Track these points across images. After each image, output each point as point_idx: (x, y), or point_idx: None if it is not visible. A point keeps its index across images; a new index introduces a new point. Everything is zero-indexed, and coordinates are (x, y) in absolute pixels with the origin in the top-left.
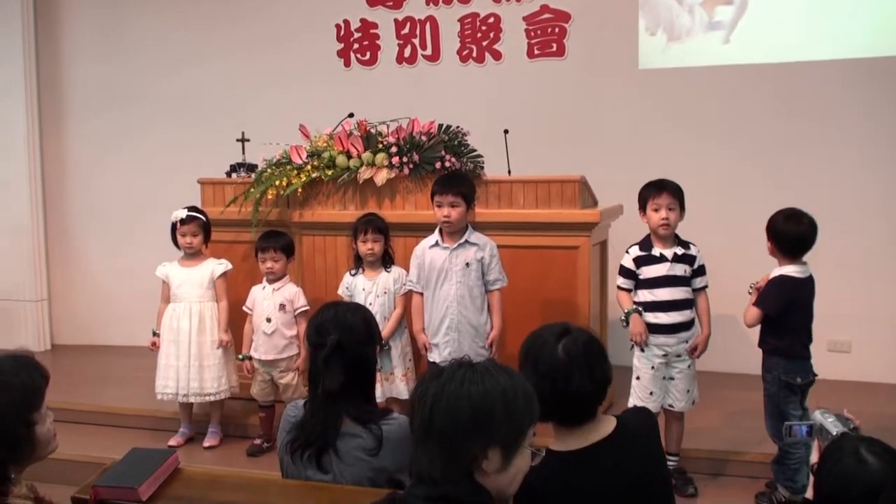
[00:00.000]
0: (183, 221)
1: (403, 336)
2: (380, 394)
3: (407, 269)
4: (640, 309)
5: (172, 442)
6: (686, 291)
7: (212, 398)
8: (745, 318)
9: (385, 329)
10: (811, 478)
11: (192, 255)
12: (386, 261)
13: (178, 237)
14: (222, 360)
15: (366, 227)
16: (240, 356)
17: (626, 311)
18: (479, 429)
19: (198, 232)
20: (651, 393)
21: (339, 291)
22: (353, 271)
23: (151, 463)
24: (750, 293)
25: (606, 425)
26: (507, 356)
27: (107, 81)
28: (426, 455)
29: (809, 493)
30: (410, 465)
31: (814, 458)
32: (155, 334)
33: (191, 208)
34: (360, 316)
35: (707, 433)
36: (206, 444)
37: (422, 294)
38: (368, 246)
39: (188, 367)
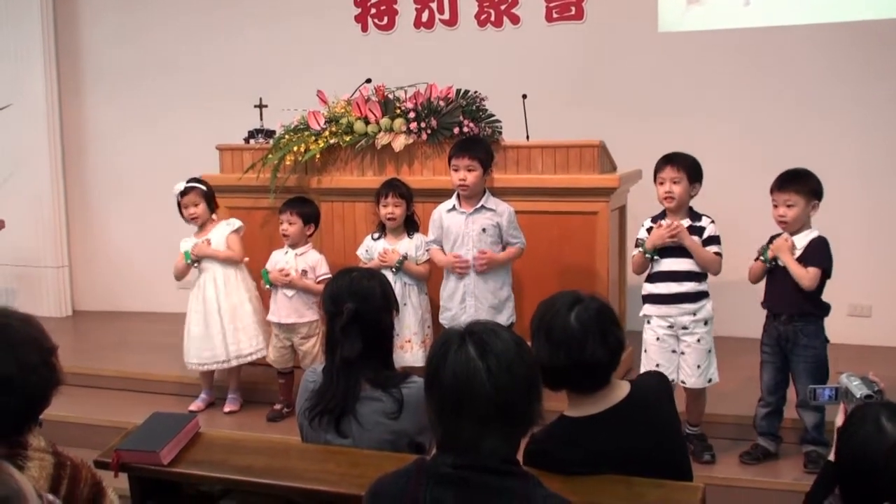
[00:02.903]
0: (182, 193)
1: (423, 303)
2: (408, 360)
3: (425, 232)
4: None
5: (193, 407)
6: (692, 264)
7: (251, 358)
8: (804, 281)
9: (409, 265)
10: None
11: (203, 224)
12: (410, 227)
13: (182, 210)
14: (255, 319)
15: (387, 191)
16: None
17: (643, 251)
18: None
19: (198, 201)
20: (658, 365)
21: (358, 253)
22: (375, 235)
23: (173, 427)
24: (767, 261)
25: (620, 390)
26: (524, 326)
27: (125, 49)
28: (466, 426)
29: (832, 456)
30: (441, 438)
31: (839, 420)
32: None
33: (191, 179)
34: (376, 282)
35: (727, 398)
36: (227, 409)
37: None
38: (389, 210)
39: (222, 332)
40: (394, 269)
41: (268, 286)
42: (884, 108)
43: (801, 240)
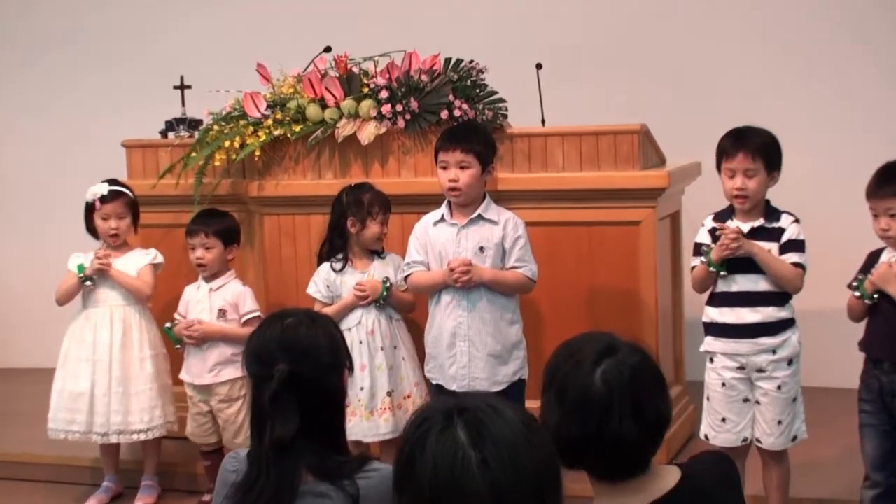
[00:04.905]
0: (103, 200)
1: (411, 343)
2: (392, 428)
3: (403, 255)
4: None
5: (93, 501)
6: (770, 281)
7: (141, 437)
8: None
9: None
10: None
11: (118, 245)
12: None
13: (98, 221)
14: (155, 386)
15: (371, 207)
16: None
17: (707, 263)
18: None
19: (124, 213)
20: (724, 420)
21: (312, 292)
22: (336, 265)
23: None
24: (866, 297)
25: (664, 480)
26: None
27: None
28: None
29: None
30: None
31: None
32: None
33: (111, 181)
34: (319, 330)
35: (820, 474)
36: (139, 502)
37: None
38: (379, 230)
39: (108, 394)
40: (380, 302)
41: (177, 346)
42: None
43: None
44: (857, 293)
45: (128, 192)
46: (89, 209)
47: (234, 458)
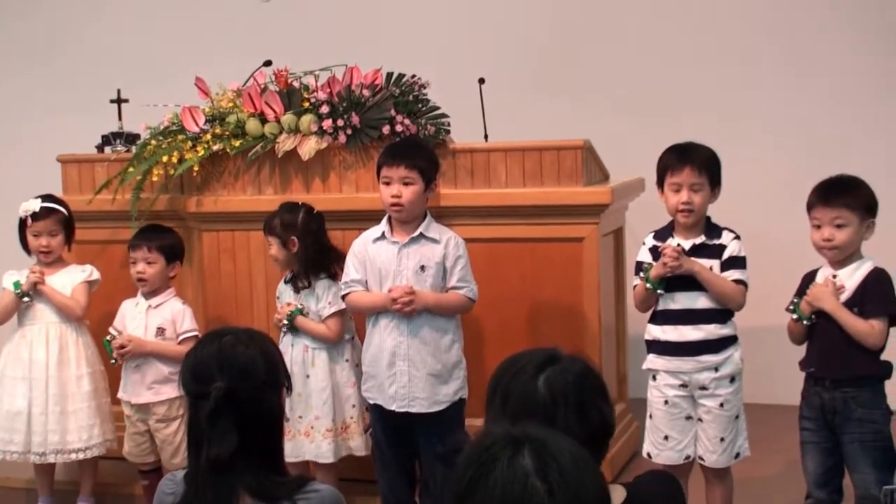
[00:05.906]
0: (35, 217)
1: (343, 372)
2: (287, 452)
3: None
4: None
5: None
6: (711, 299)
7: (80, 456)
8: (868, 340)
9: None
10: None
11: (51, 262)
12: (322, 265)
13: (30, 238)
14: (93, 403)
15: (265, 227)
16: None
17: (646, 281)
18: None
19: (57, 231)
20: (666, 437)
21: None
22: (287, 276)
23: None
24: (803, 319)
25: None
26: (481, 398)
27: None
28: None
29: None
30: None
31: None
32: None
33: (45, 197)
34: (256, 348)
35: (764, 491)
36: None
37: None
38: (271, 252)
39: (45, 413)
40: (283, 329)
41: (112, 361)
42: None
43: (851, 276)
44: (794, 316)
45: (61, 208)
46: (22, 225)
47: (171, 481)
